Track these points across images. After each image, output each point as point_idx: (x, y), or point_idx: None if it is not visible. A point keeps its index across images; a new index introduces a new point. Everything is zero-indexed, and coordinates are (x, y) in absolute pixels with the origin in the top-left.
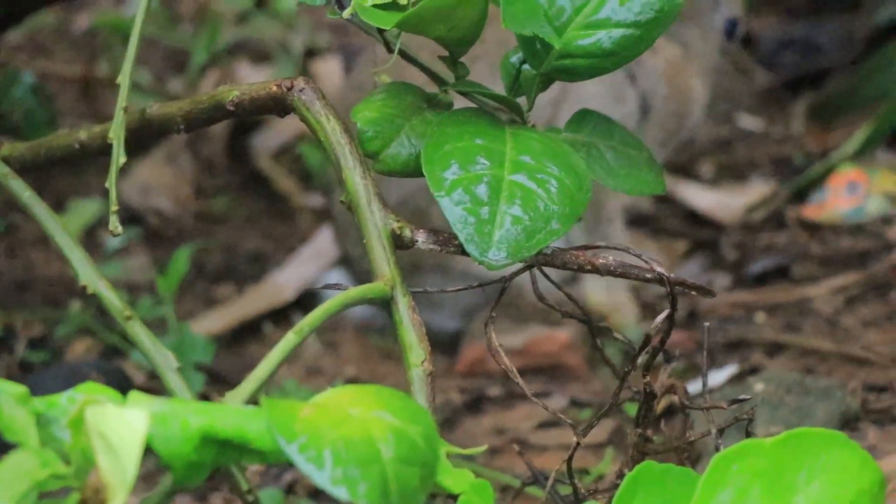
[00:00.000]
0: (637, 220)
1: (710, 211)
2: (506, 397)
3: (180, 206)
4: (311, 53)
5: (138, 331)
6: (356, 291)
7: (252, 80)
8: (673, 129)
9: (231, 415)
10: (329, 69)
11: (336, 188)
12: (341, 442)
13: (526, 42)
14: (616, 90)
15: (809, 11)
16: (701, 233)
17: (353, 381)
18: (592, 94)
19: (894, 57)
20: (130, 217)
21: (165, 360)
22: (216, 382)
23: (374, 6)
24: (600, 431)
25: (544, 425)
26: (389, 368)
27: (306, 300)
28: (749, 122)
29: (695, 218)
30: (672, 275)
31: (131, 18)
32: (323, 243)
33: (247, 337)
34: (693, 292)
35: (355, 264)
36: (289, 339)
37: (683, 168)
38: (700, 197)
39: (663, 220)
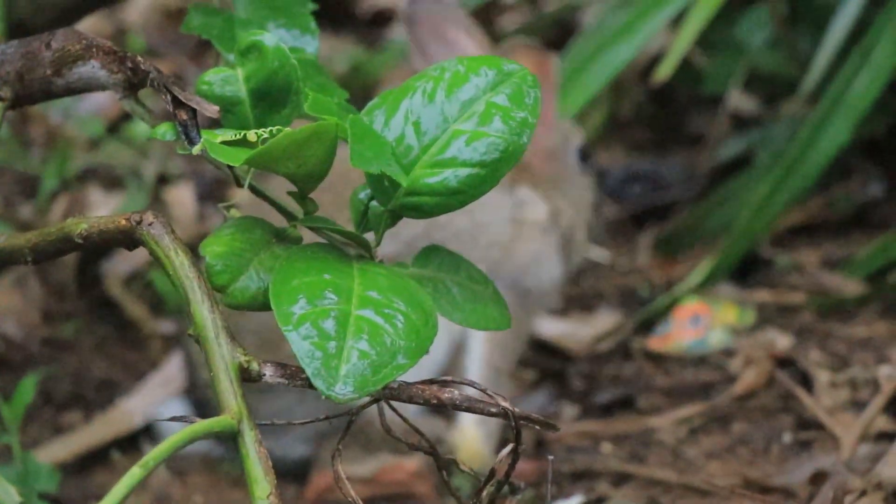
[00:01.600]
0: None
1: (559, 341)
2: None
3: (27, 331)
4: (163, 180)
5: None
6: (202, 425)
7: (104, 206)
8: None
9: None
10: (182, 196)
11: (186, 319)
12: None
13: (374, 179)
14: None
15: (655, 146)
16: (549, 363)
17: None
18: None
19: (736, 192)
20: None
21: (6, 493)
22: None
23: (224, 142)
24: None
25: None
26: (239, 496)
27: (155, 427)
28: (597, 253)
29: (543, 347)
30: (516, 409)
31: None
32: (172, 370)
33: (95, 465)
34: (538, 427)
35: (201, 391)
36: (133, 474)
37: None
38: (549, 327)
39: None
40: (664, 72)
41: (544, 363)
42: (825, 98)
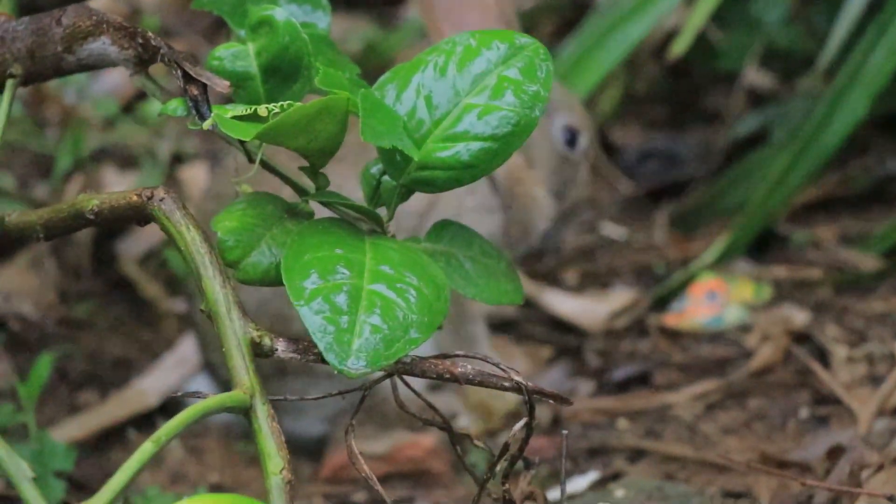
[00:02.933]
0: (502, 326)
1: (574, 318)
2: (371, 503)
3: (43, 311)
4: (178, 159)
5: None
6: (215, 400)
7: (118, 186)
8: (518, 237)
9: None
10: (196, 175)
11: (197, 295)
12: None
13: (386, 154)
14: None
15: (671, 123)
16: (565, 339)
17: (216, 487)
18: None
19: (752, 168)
20: None
21: (19, 470)
22: (78, 490)
23: (235, 117)
24: None
25: None
26: (254, 474)
27: (171, 406)
28: (612, 230)
29: (559, 325)
30: (530, 383)
31: None
32: (188, 349)
33: (111, 443)
34: (551, 401)
35: (218, 371)
36: (145, 449)
37: (548, 275)
38: (564, 304)
39: (528, 326)
40: (679, 48)
41: (560, 340)
42: (841, 74)
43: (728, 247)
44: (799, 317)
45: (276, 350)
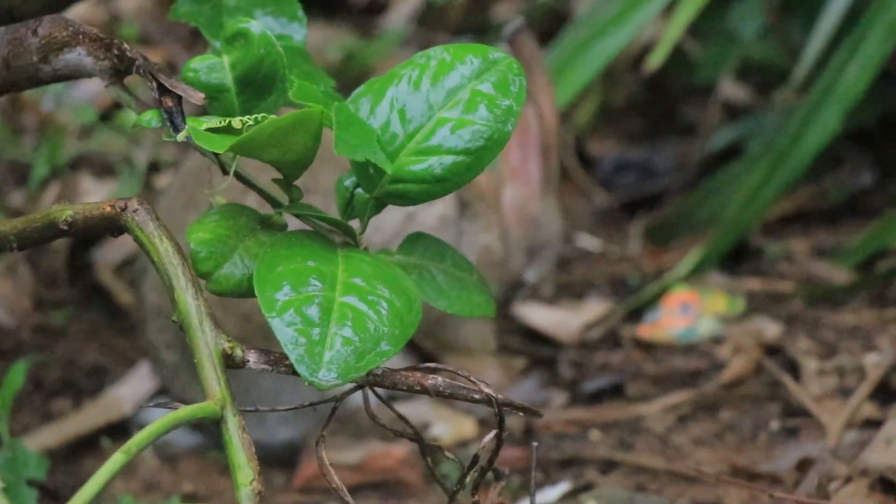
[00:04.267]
0: None
1: (548, 329)
2: None
3: (18, 318)
4: (155, 168)
5: None
6: (186, 411)
7: (95, 194)
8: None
9: None
10: None
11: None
12: None
13: (359, 167)
14: None
15: (647, 135)
16: (539, 350)
17: (190, 496)
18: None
19: (726, 181)
20: None
21: None
22: (50, 499)
23: (209, 129)
24: None
25: None
26: (228, 483)
27: (143, 415)
28: (587, 241)
29: (533, 335)
30: (500, 396)
31: None
32: None
33: (84, 452)
34: (521, 413)
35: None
36: (116, 460)
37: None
38: (538, 315)
39: (502, 337)
40: (656, 60)
41: (534, 351)
42: (816, 87)
43: (702, 259)
44: (771, 329)
45: (248, 361)
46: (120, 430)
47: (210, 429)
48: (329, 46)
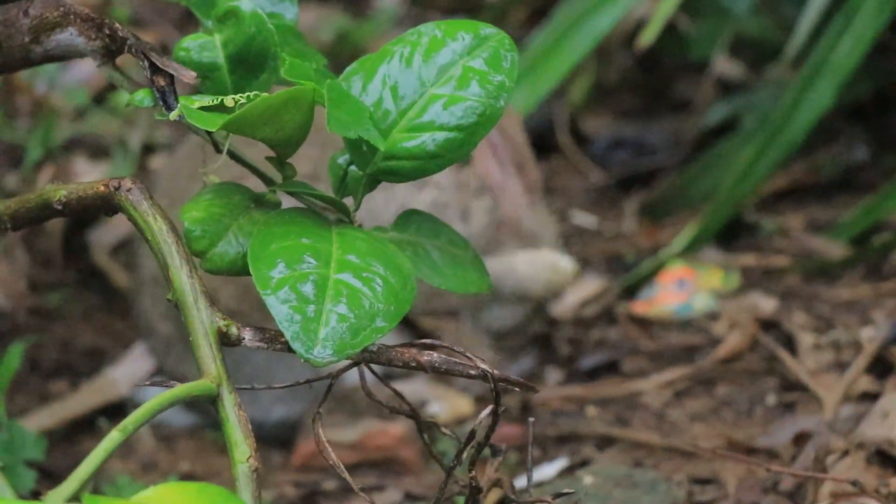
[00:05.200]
0: None
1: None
2: (341, 491)
3: (14, 301)
4: (149, 149)
5: None
6: (182, 389)
7: (89, 175)
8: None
9: None
10: None
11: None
12: None
13: (352, 144)
14: None
15: (641, 112)
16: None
17: (187, 476)
18: None
19: (721, 157)
20: None
21: None
22: (48, 479)
23: (201, 108)
24: None
25: None
26: (225, 462)
27: (140, 395)
28: (583, 218)
29: None
30: (496, 371)
31: None
32: None
33: (81, 433)
34: (517, 388)
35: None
36: (113, 438)
37: None
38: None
39: None
40: (648, 37)
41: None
42: (809, 62)
43: (697, 235)
44: (767, 304)
45: (244, 339)
46: (117, 410)
47: (206, 408)
48: (322, 27)
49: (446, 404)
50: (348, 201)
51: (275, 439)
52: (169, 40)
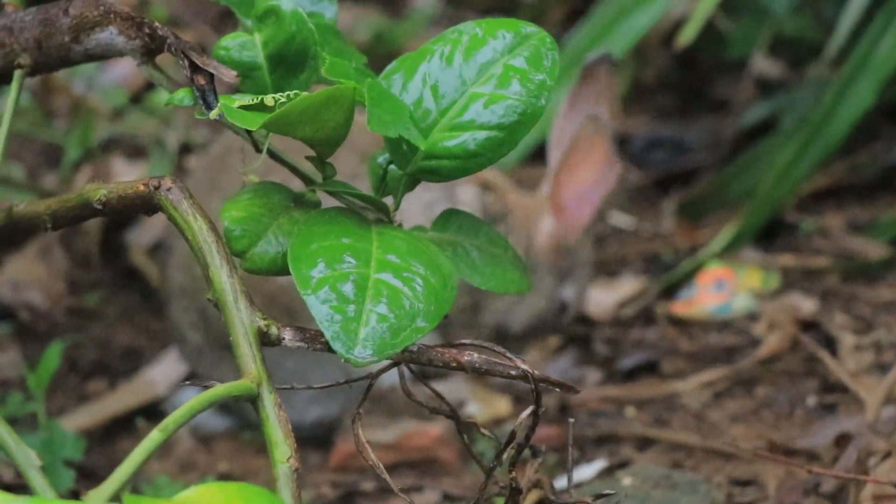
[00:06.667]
0: None
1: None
2: (379, 492)
3: (53, 301)
4: (186, 149)
5: (0, 429)
6: (222, 389)
7: (127, 175)
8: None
9: None
10: None
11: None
12: None
13: (392, 143)
14: None
15: (679, 112)
16: (573, 328)
17: (225, 476)
18: None
19: (760, 157)
20: (1, 312)
21: (27, 459)
22: (87, 478)
23: (241, 107)
24: None
25: None
26: (263, 463)
27: (178, 396)
28: (620, 219)
29: None
30: (536, 372)
31: (2, 115)
32: None
33: (119, 432)
34: (558, 389)
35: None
36: (153, 438)
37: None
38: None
39: None
40: (687, 36)
41: (568, 329)
42: (850, 62)
43: (736, 235)
44: (806, 305)
45: (284, 339)
46: (154, 411)
47: (241, 412)
48: (358, 26)
49: (484, 404)
50: (388, 201)
51: (310, 441)
52: (206, 41)
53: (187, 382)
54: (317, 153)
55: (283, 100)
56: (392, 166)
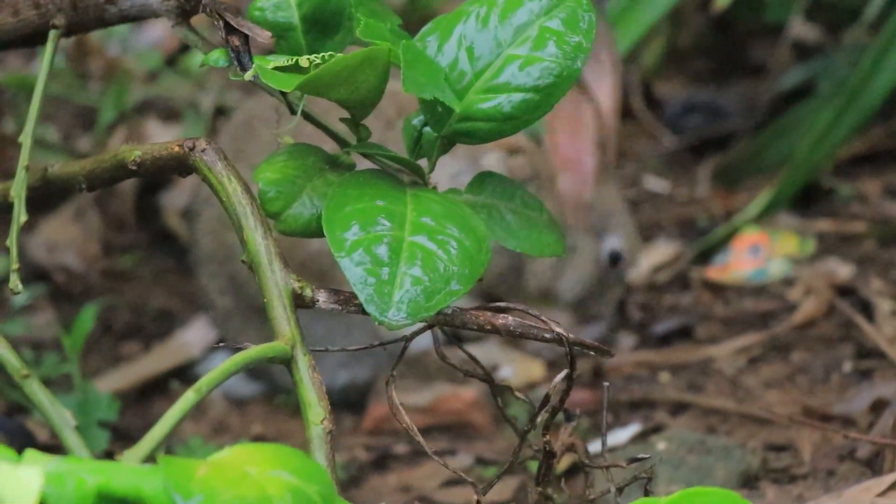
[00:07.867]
0: None
1: None
2: (412, 455)
3: (87, 263)
4: (220, 112)
5: (36, 389)
6: (256, 351)
7: (161, 138)
8: None
9: (127, 473)
10: None
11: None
12: (237, 501)
13: (427, 105)
14: None
15: (715, 76)
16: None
17: (259, 438)
18: None
19: (796, 122)
20: (37, 274)
21: (63, 419)
22: (121, 439)
23: (276, 69)
24: (504, 489)
25: (450, 483)
26: (296, 426)
27: (213, 358)
28: (655, 184)
29: None
30: (571, 335)
31: (37, 76)
32: None
33: (154, 394)
34: (592, 352)
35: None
36: (188, 398)
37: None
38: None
39: None
40: (724, 0)
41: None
42: (888, 26)
43: (772, 200)
44: (843, 270)
45: (318, 301)
46: (188, 373)
47: (271, 378)
48: None
49: (518, 368)
50: (422, 163)
51: (341, 404)
52: (241, 2)
53: (220, 344)
54: (351, 115)
55: (317, 61)
56: (427, 129)
